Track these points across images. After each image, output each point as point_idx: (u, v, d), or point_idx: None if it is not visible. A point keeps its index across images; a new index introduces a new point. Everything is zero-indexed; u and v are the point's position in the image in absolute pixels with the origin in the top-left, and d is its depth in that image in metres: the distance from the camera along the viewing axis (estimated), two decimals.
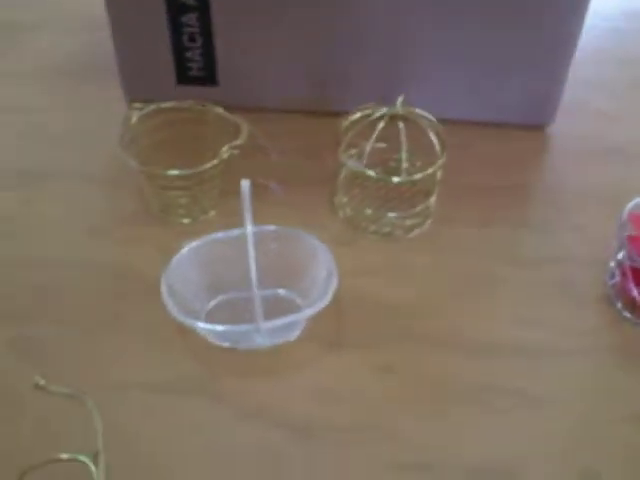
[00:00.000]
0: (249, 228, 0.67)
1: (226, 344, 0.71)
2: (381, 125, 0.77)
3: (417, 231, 0.84)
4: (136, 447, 0.63)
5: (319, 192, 0.87)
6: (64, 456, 0.51)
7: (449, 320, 0.75)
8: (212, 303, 0.75)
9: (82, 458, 0.51)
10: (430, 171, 0.78)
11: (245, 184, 0.67)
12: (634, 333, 0.75)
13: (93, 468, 0.50)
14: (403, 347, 0.73)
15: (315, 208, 0.85)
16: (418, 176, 0.77)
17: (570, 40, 0.87)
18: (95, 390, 0.66)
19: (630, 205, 0.77)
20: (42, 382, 0.48)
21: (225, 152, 0.79)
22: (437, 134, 0.79)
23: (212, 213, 0.85)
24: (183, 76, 0.95)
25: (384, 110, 0.79)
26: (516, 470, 0.65)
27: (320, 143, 0.90)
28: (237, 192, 0.68)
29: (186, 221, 0.83)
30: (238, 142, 0.79)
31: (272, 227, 0.74)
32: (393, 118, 0.79)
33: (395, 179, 0.77)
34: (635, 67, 1.11)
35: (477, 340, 0.74)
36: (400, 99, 0.78)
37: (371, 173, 0.77)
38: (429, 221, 0.85)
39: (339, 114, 0.82)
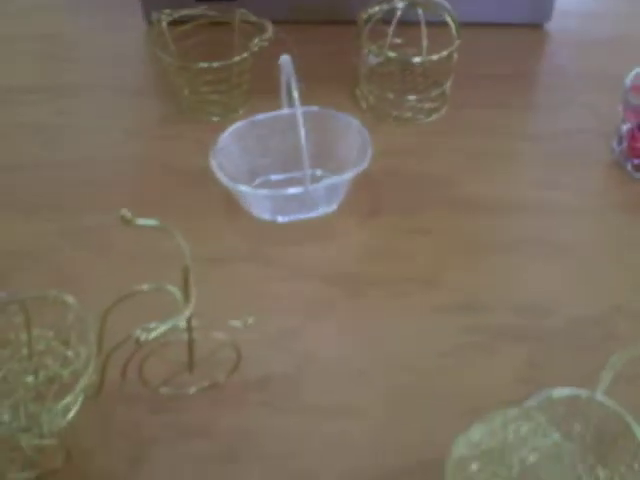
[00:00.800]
0: (297, 98, 0.70)
1: (268, 216, 0.76)
2: (399, 11, 0.82)
3: (435, 116, 0.89)
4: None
5: (342, 88, 0.92)
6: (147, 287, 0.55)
7: (476, 186, 0.82)
8: (255, 183, 0.79)
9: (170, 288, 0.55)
10: (446, 53, 0.83)
11: (285, 58, 0.71)
12: None
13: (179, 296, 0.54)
14: (435, 212, 0.79)
15: (339, 101, 0.89)
16: (436, 56, 0.83)
17: None
18: None
19: (632, 74, 0.83)
20: (129, 215, 0.51)
21: (255, 45, 0.83)
22: (452, 19, 0.84)
23: (241, 112, 0.89)
24: None
25: None
26: (551, 304, 0.71)
27: (340, 47, 0.95)
28: (265, 91, 0.75)
29: (216, 119, 0.88)
30: (266, 35, 0.83)
31: (313, 108, 0.78)
32: (412, 5, 0.83)
33: (415, 59, 0.82)
34: None
35: (503, 201, 0.80)
36: None
37: (392, 54, 0.82)
38: (446, 106, 0.90)
39: (356, 22, 0.87)
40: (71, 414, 0.57)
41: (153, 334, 0.50)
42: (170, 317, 0.52)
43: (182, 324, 0.56)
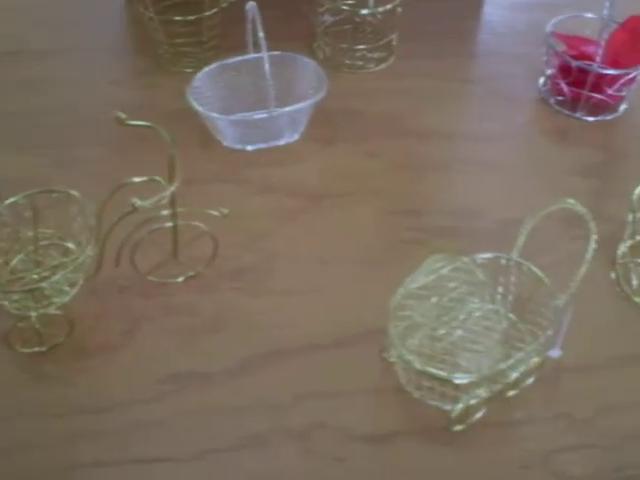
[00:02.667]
0: (262, 37, 0.82)
1: (238, 145, 0.87)
2: None
3: (384, 64, 1.02)
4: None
5: (302, 44, 1.03)
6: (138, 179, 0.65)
7: (421, 120, 0.94)
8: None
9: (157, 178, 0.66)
10: (390, 6, 0.96)
11: (252, 4, 0.83)
12: (563, 121, 0.95)
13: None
14: (383, 140, 0.91)
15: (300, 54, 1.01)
16: (381, 8, 0.95)
17: None
18: None
19: (551, 22, 0.96)
20: (123, 115, 0.61)
21: (223, 2, 0.95)
22: None
23: (212, 64, 1.00)
24: None
25: None
26: (483, 209, 0.83)
27: (299, 10, 1.06)
28: (233, 48, 0.87)
29: (190, 71, 0.98)
30: None
31: (275, 52, 0.89)
32: None
33: (363, 10, 0.95)
34: None
35: (442, 131, 0.93)
36: None
37: (345, 7, 0.94)
38: (393, 57, 1.02)
39: None
40: (74, 290, 0.68)
41: (147, 201, 0.61)
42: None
43: (166, 212, 0.68)
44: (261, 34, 0.83)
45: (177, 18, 0.95)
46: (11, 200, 0.69)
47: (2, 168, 0.84)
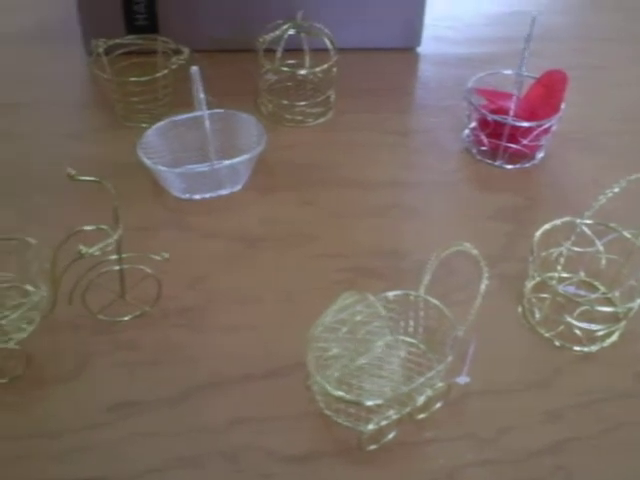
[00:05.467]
0: (202, 98, 0.92)
1: (185, 195, 0.96)
2: (287, 34, 1.05)
3: (322, 119, 1.11)
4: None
5: (246, 100, 1.13)
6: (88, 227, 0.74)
7: (355, 170, 1.04)
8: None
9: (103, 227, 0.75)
10: (326, 66, 1.06)
11: (194, 69, 0.92)
12: (484, 169, 1.05)
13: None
14: (318, 189, 1.00)
15: (244, 110, 1.09)
16: (318, 69, 1.05)
17: None
18: None
19: (472, 80, 1.06)
20: (73, 172, 0.70)
21: (173, 63, 1.04)
22: (330, 41, 1.07)
23: (165, 119, 1.09)
24: (131, 26, 1.20)
25: (289, 23, 1.06)
26: (406, 251, 0.92)
27: (244, 69, 1.15)
28: (184, 104, 0.96)
29: (145, 125, 1.07)
30: (183, 56, 1.04)
31: (219, 110, 0.99)
32: (298, 32, 1.06)
33: (301, 71, 1.04)
34: None
35: (374, 180, 1.02)
36: (299, 14, 1.06)
37: (285, 69, 1.04)
38: (331, 112, 1.12)
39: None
40: (32, 327, 0.76)
41: (93, 249, 0.70)
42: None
43: (113, 256, 0.77)
44: (202, 95, 0.92)
45: (132, 79, 1.04)
46: None
47: None
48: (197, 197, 0.97)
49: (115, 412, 0.75)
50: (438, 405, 0.75)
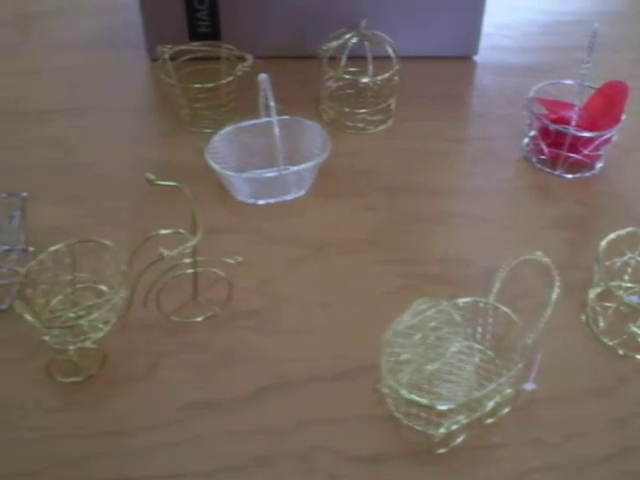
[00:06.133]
0: (272, 105, 0.93)
1: (250, 200, 0.98)
2: (351, 42, 1.06)
3: (382, 126, 1.13)
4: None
5: (308, 107, 1.15)
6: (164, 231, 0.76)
7: (415, 176, 1.05)
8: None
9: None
10: (388, 75, 1.07)
11: (264, 76, 0.94)
12: (544, 178, 1.05)
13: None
14: (379, 195, 1.02)
15: (306, 117, 1.11)
16: (380, 77, 1.06)
17: None
18: None
19: (533, 89, 1.07)
20: (152, 176, 0.72)
21: (238, 70, 1.06)
22: (393, 50, 1.08)
23: (229, 125, 1.11)
24: (193, 33, 1.23)
25: (353, 32, 1.08)
26: (470, 258, 0.93)
27: (306, 76, 1.18)
28: (247, 110, 0.98)
29: (208, 131, 1.09)
30: (248, 63, 1.06)
31: (285, 116, 1.00)
32: (361, 41, 1.08)
33: (364, 79, 1.06)
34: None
35: (433, 186, 1.03)
36: (363, 22, 1.08)
37: (347, 76, 1.05)
38: (391, 120, 1.14)
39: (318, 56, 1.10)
40: (108, 327, 0.78)
41: (174, 252, 0.72)
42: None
43: (188, 259, 0.79)
44: (272, 103, 0.94)
45: (197, 85, 1.06)
46: (53, 248, 0.79)
47: (40, 218, 0.94)
48: (261, 202, 0.99)
49: (186, 411, 0.77)
50: (506, 410, 0.76)
